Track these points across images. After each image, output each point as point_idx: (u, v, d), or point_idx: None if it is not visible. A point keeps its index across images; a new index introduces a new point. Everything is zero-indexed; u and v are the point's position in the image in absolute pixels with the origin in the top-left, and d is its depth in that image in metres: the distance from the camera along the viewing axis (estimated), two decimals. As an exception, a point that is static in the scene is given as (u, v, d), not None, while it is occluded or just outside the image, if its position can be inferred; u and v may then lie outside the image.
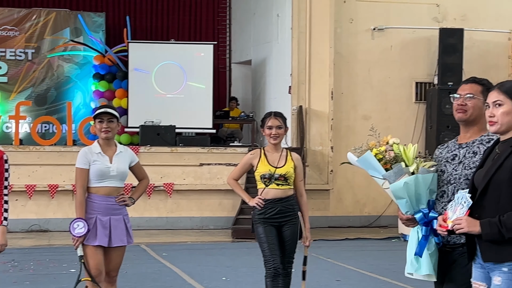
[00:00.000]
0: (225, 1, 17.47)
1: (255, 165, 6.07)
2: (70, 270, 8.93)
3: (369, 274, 9.11)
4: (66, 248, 10.83)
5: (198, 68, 15.37)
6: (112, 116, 5.67)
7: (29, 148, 13.23)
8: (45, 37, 16.13)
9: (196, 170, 13.66)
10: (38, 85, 16.11)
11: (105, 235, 5.57)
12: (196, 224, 13.67)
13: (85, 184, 5.60)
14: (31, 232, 12.85)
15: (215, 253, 10.72)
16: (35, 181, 12.97)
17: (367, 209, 14.39)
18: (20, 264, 9.52)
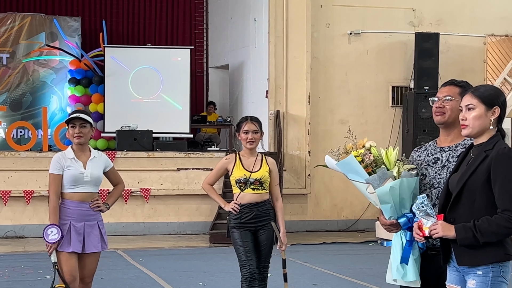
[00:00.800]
0: (202, 5, 17.46)
1: (230, 169, 6.05)
2: (45, 277, 8.85)
3: (346, 278, 9.11)
4: (42, 254, 10.68)
5: (175, 72, 15.33)
6: (84, 121, 5.62)
7: (4, 154, 13.15)
8: (20, 41, 16.04)
9: (173, 175, 13.62)
10: (13, 90, 16.01)
11: (79, 241, 5.53)
12: (174, 229, 13.63)
13: (59, 190, 5.55)
14: (6, 238, 12.79)
15: (192, 258, 10.69)
16: (10, 187, 12.91)
17: (345, 213, 14.42)
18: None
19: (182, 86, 15.30)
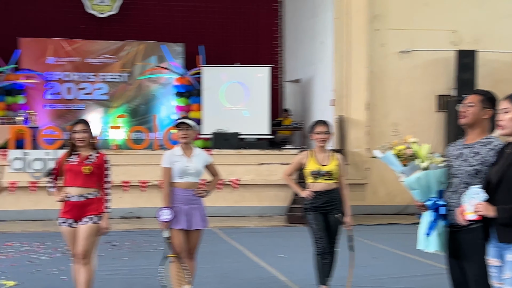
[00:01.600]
0: (278, 31, 17.47)
1: (305, 163, 6.04)
2: (157, 249, 9.01)
3: (399, 253, 8.98)
4: (155, 231, 10.91)
5: (258, 86, 15.41)
6: (188, 125, 5.72)
7: (124, 152, 13.39)
8: (136, 63, 16.37)
9: (256, 168, 13.68)
10: (131, 101, 16.35)
11: (186, 220, 5.62)
12: (257, 212, 13.68)
13: (169, 180, 5.65)
14: (127, 218, 13.02)
15: (273, 236, 10.71)
16: (130, 177, 13.13)
17: (397, 200, 14.16)
18: (118, 244, 9.67)
19: (263, 96, 15.35)
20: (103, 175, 5.48)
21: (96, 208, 5.44)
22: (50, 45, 15.96)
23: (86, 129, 5.53)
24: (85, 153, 5.52)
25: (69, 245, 5.52)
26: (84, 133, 5.50)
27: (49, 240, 10.03)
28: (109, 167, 5.52)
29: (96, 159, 5.51)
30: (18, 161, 12.78)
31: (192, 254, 5.74)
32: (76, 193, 5.42)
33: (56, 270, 7.61)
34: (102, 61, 16.19)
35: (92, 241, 5.42)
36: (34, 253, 8.90)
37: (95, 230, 5.42)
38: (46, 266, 7.90)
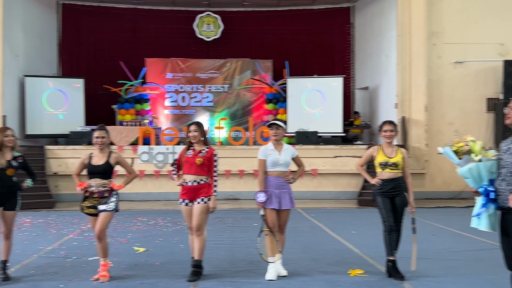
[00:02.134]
0: (350, 47, 17.19)
1: (374, 156, 5.92)
2: (253, 224, 9.16)
3: (455, 231, 8.64)
4: (251, 210, 11.14)
5: (332, 93, 15.23)
6: (278, 125, 5.74)
7: (226, 147, 13.58)
8: (235, 76, 16.60)
9: (332, 160, 13.55)
10: (231, 107, 16.60)
11: (277, 202, 5.63)
12: (332, 196, 13.55)
13: (264, 169, 5.69)
14: (228, 200, 13.23)
15: (346, 216, 10.58)
16: (230, 167, 13.33)
17: (452, 186, 13.63)
18: (222, 220, 9.83)
19: (337, 101, 15.15)
20: (212, 165, 5.60)
21: (206, 191, 5.58)
22: (168, 63, 16.48)
23: (198, 129, 5.67)
24: (198, 148, 5.67)
25: (186, 220, 5.68)
26: (196, 133, 5.65)
27: (169, 216, 10.41)
28: (217, 159, 5.63)
29: (206, 153, 5.64)
30: (145, 154, 13.29)
31: (282, 229, 5.76)
32: (191, 179, 5.57)
33: (175, 240, 7.85)
34: (208, 75, 16.54)
35: (203, 217, 5.56)
36: (158, 226, 9.23)
37: (206, 208, 5.56)
38: (168, 236, 8.17)
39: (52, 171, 13.04)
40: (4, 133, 5.55)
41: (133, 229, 8.89)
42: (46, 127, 14.55)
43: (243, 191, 13.34)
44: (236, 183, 13.37)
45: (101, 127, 5.75)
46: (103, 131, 5.65)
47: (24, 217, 10.10)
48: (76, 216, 10.34)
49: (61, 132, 14.53)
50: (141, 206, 12.22)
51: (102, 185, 5.53)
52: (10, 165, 5.52)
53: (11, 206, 5.55)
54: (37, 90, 14.51)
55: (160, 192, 13.34)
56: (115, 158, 5.66)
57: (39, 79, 14.63)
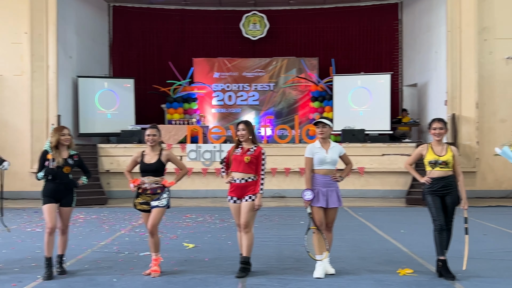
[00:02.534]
0: (397, 44, 16.87)
1: (424, 154, 5.80)
2: (300, 222, 9.17)
3: (506, 230, 8.34)
4: (297, 208, 11.13)
5: (380, 90, 15.00)
6: (325, 124, 5.70)
7: (272, 145, 13.58)
8: (280, 75, 16.60)
9: (379, 158, 13.34)
10: (277, 105, 16.61)
11: (324, 200, 5.60)
12: (380, 194, 13.35)
13: (311, 167, 5.66)
14: (274, 197, 13.27)
15: (395, 214, 10.39)
16: (276, 165, 13.34)
17: (504, 185, 13.16)
18: (269, 217, 9.87)
19: (384, 99, 14.91)
20: (260, 164, 5.63)
21: (254, 189, 5.61)
22: (215, 63, 16.66)
23: (246, 128, 5.72)
24: (246, 147, 5.72)
25: (234, 217, 5.73)
26: (244, 131, 5.69)
27: (217, 213, 10.54)
28: (265, 157, 5.67)
29: (254, 151, 5.67)
30: (193, 152, 13.49)
31: (330, 227, 5.73)
32: (239, 177, 5.62)
33: (223, 237, 7.94)
34: (254, 74, 16.61)
35: (251, 214, 5.59)
36: (206, 223, 9.36)
37: (254, 206, 5.60)
38: (216, 233, 8.27)
39: (104, 169, 13.44)
40: (61, 132, 5.76)
41: (182, 225, 9.05)
42: (98, 126, 15.01)
43: (289, 189, 13.34)
44: (282, 181, 13.38)
45: (153, 125, 5.88)
46: (155, 130, 5.79)
47: (78, 213, 10.46)
48: (127, 212, 10.62)
49: (112, 131, 14.96)
50: (189, 203, 12.43)
51: (154, 182, 5.66)
52: (67, 163, 5.73)
53: (68, 202, 5.76)
54: (89, 90, 14.99)
55: (207, 190, 13.51)
56: (166, 155, 5.78)
57: (91, 80, 15.10)
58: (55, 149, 5.71)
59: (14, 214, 10.54)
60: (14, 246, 7.24)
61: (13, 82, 13.48)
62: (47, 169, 5.57)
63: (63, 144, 5.78)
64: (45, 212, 5.64)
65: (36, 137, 13.29)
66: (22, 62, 13.43)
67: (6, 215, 10.34)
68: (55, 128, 5.85)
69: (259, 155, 5.65)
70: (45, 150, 5.75)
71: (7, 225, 5.76)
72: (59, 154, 5.72)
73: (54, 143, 5.69)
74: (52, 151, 5.70)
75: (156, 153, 5.77)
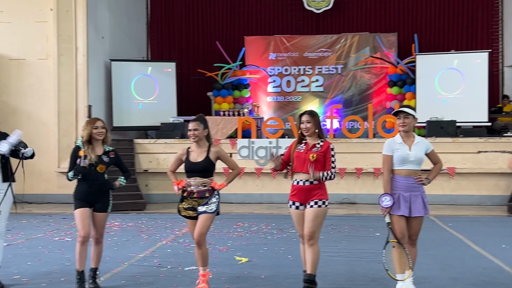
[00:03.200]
0: (497, 15, 16.33)
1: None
2: (375, 234, 9.07)
3: None
4: (371, 216, 11.02)
5: (474, 72, 14.59)
6: (407, 113, 5.61)
7: (340, 140, 13.51)
8: (350, 55, 16.45)
9: (474, 157, 12.99)
10: (346, 92, 16.48)
11: (406, 207, 5.51)
12: (475, 201, 13.01)
13: (390, 167, 5.59)
14: (343, 203, 13.19)
15: (493, 225, 10.11)
16: (345, 165, 13.25)
17: None
18: (337, 228, 9.84)
19: (481, 83, 14.51)
20: (329, 162, 5.60)
21: (321, 193, 5.59)
22: (271, 42, 16.70)
23: (311, 120, 5.70)
24: (311, 142, 5.71)
25: (297, 226, 5.73)
26: (309, 124, 5.68)
27: (274, 221, 10.59)
28: (334, 154, 5.63)
29: (321, 147, 5.65)
30: (245, 149, 13.61)
31: (414, 240, 5.63)
32: (303, 178, 5.61)
33: (282, 250, 7.97)
34: (318, 54, 16.53)
35: (318, 223, 5.57)
36: (261, 233, 9.43)
37: (321, 213, 5.57)
38: (273, 245, 8.32)
39: (142, 168, 13.78)
40: (94, 124, 5.94)
41: (233, 235, 9.17)
42: (135, 118, 15.40)
43: (360, 194, 13.24)
44: (352, 184, 13.30)
45: (197, 117, 5.95)
46: (197, 123, 5.86)
47: (112, 220, 10.78)
48: (169, 219, 10.85)
49: (151, 123, 15.31)
50: (241, 209, 12.55)
51: (202, 184, 5.75)
52: (101, 161, 5.90)
53: (103, 207, 5.93)
54: (124, 76, 15.39)
55: (262, 194, 13.60)
56: (215, 152, 5.86)
57: (127, 64, 15.50)
58: (87, 144, 5.89)
59: (40, 221, 11.00)
60: (40, 258, 7.55)
61: (37, 67, 14.04)
62: (78, 168, 5.74)
63: (97, 139, 5.95)
64: (77, 218, 5.83)
65: (63, 131, 13.79)
66: (47, 44, 13.95)
67: (31, 221, 10.81)
68: (87, 120, 6.04)
69: (327, 151, 5.63)
70: (77, 146, 5.93)
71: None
72: (92, 150, 5.90)
73: (86, 138, 5.88)
74: (84, 147, 5.88)
75: (203, 150, 5.85)
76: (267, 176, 13.50)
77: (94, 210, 5.90)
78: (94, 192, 5.86)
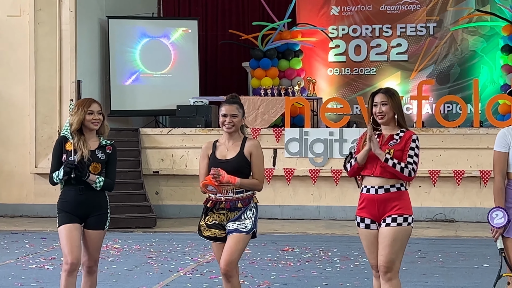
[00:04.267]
0: None
1: None
2: (482, 265, 8.96)
3: None
4: (476, 240, 10.86)
5: None
6: (531, 93, 5.55)
7: (432, 131, 13.38)
8: (447, 8, 16.26)
9: None
10: (440, 61, 16.33)
11: (523, 226, 5.47)
12: None
13: (505, 170, 5.47)
14: (436, 221, 13.08)
15: None
16: (439, 166, 13.12)
17: None
18: (427, 256, 9.74)
19: None
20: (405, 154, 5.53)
21: (401, 205, 5.56)
22: (333, -10, 16.69)
23: (388, 101, 5.65)
24: (388, 132, 5.67)
25: (367, 252, 5.70)
26: (385, 106, 5.63)
27: (336, 245, 10.57)
28: (416, 147, 5.51)
29: (401, 139, 5.60)
30: (295, 143, 13.61)
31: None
32: (375, 184, 5.59)
33: (348, 285, 7.97)
34: (401, 7, 16.41)
35: (397, 249, 5.53)
36: (318, 261, 9.41)
37: (403, 234, 5.54)
38: (336, 279, 8.31)
39: (150, 169, 13.91)
40: (88, 108, 5.98)
41: (278, 265, 9.16)
42: (141, 99, 15.57)
43: (460, 208, 13.15)
44: (449, 194, 13.23)
45: (232, 98, 5.96)
46: (235, 106, 5.84)
47: (110, 241, 10.88)
48: (188, 241, 10.95)
49: (163, 107, 15.46)
50: (288, 227, 12.56)
51: (234, 190, 5.76)
52: (96, 158, 5.97)
53: (98, 222, 5.97)
54: (126, 39, 15.57)
55: (319, 206, 13.60)
56: (252, 147, 5.85)
57: (130, 23, 15.67)
58: (78, 135, 5.97)
59: (10, 241, 11.19)
60: (12, 292, 7.72)
61: (5, 27, 14.22)
62: (69, 162, 5.76)
63: (91, 129, 6.02)
64: (62, 237, 5.89)
65: (42, 116, 13.97)
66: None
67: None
68: (78, 102, 6.09)
69: (408, 143, 5.58)
70: (63, 136, 5.99)
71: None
72: (84, 143, 5.97)
73: (76, 126, 5.93)
74: (74, 139, 5.95)
75: (236, 143, 5.88)
76: (328, 180, 13.47)
77: (86, 227, 5.96)
78: (86, 202, 5.91)
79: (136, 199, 13.11)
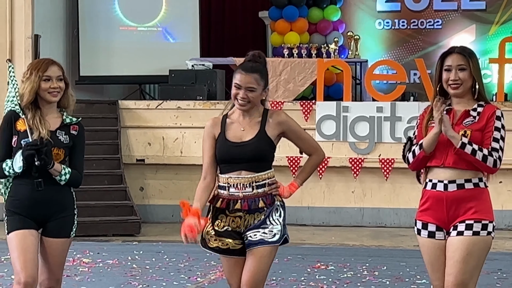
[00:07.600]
0: None
1: None
2: None
3: None
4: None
5: None
6: None
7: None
8: None
9: None
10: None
11: None
12: None
13: None
14: None
15: None
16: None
17: None
18: (509, 276, 9.79)
19: None
20: (487, 137, 5.51)
21: (479, 208, 5.57)
22: None
23: (465, 64, 5.62)
24: (462, 107, 5.65)
25: (429, 269, 5.75)
26: (462, 72, 5.60)
27: (385, 262, 10.60)
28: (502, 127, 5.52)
29: (480, 116, 5.59)
30: (330, 122, 13.68)
31: None
32: (445, 178, 5.61)
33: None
34: None
35: (472, 266, 5.55)
36: (361, 283, 9.46)
37: (479, 248, 5.55)
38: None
39: (133, 156, 13.99)
40: (44, 72, 6.00)
41: (309, 284, 9.22)
42: (121, 61, 15.59)
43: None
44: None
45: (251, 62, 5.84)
46: (253, 77, 5.71)
47: (78, 253, 10.97)
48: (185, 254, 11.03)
49: (151, 72, 15.50)
50: (321, 237, 12.71)
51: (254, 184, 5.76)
52: (57, 141, 5.98)
53: (61, 228, 6.02)
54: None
55: (362, 208, 13.68)
56: (278, 124, 5.80)
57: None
58: (32, 109, 5.98)
59: None
60: None
61: None
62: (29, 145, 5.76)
63: (49, 100, 6.04)
64: (13, 248, 5.94)
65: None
66: None
67: None
68: (31, 64, 6.10)
69: (489, 121, 5.55)
70: (11, 111, 6.01)
71: None
72: (41, 120, 5.99)
73: (30, 97, 5.94)
74: (27, 115, 5.97)
75: (254, 120, 5.87)
76: (374, 174, 13.49)
77: (45, 234, 6.02)
78: (45, 201, 5.96)
79: (113, 197, 13.17)
